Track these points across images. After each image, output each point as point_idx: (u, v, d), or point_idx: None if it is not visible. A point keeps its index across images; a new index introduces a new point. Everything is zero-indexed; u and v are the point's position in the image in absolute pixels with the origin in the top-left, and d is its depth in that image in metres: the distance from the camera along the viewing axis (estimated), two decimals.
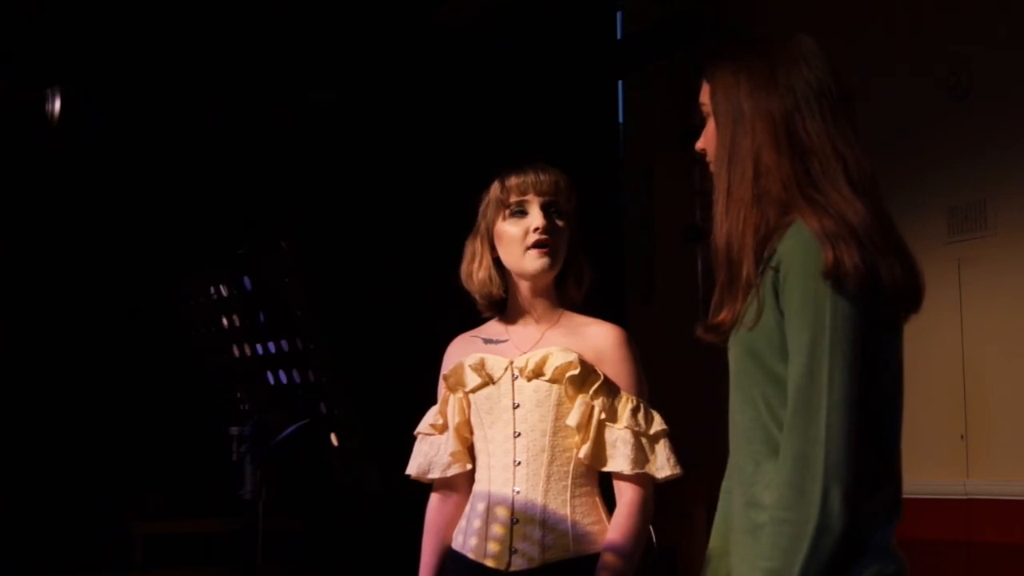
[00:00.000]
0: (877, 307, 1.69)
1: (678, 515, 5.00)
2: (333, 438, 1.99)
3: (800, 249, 1.70)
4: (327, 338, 1.94)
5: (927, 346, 4.66)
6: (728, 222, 1.79)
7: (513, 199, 2.47)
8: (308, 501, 5.00)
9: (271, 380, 2.08)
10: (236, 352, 2.14)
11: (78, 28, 5.12)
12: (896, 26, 5.30)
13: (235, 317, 2.11)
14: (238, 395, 2.19)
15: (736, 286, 1.77)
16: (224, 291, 2.09)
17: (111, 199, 5.25)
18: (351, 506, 5.23)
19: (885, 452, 1.73)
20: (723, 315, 1.80)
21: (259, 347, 2.08)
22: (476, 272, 2.53)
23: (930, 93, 5.12)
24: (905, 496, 1.76)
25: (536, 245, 2.45)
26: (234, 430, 2.06)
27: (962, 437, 4.87)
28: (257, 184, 5.52)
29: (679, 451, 2.46)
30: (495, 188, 2.51)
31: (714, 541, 1.97)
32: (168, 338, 2.74)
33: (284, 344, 2.02)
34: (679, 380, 4.97)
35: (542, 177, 2.48)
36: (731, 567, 1.84)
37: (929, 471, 4.85)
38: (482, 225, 2.54)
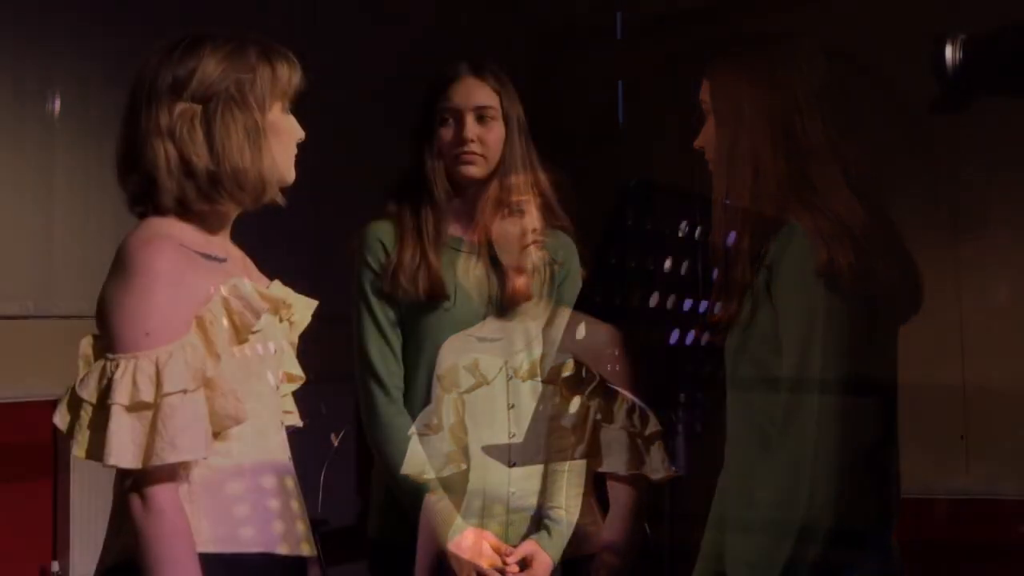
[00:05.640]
0: (874, 307, 1.68)
1: (674, 515, 4.99)
2: (333, 438, 2.00)
3: (794, 249, 1.69)
4: None
5: (927, 346, 4.65)
6: (725, 222, 1.78)
7: None
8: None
9: None
10: None
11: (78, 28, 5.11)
12: (896, 26, 5.28)
13: None
14: None
15: (732, 286, 1.77)
16: None
17: None
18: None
19: (884, 452, 1.73)
20: (719, 315, 1.79)
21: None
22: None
23: (930, 93, 5.10)
24: (905, 496, 1.75)
25: None
26: None
27: (962, 437, 4.86)
28: None
29: (675, 451, 2.45)
30: None
31: (708, 536, 1.96)
32: None
33: None
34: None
35: None
36: (726, 565, 1.84)
37: (929, 471, 4.84)
38: None
